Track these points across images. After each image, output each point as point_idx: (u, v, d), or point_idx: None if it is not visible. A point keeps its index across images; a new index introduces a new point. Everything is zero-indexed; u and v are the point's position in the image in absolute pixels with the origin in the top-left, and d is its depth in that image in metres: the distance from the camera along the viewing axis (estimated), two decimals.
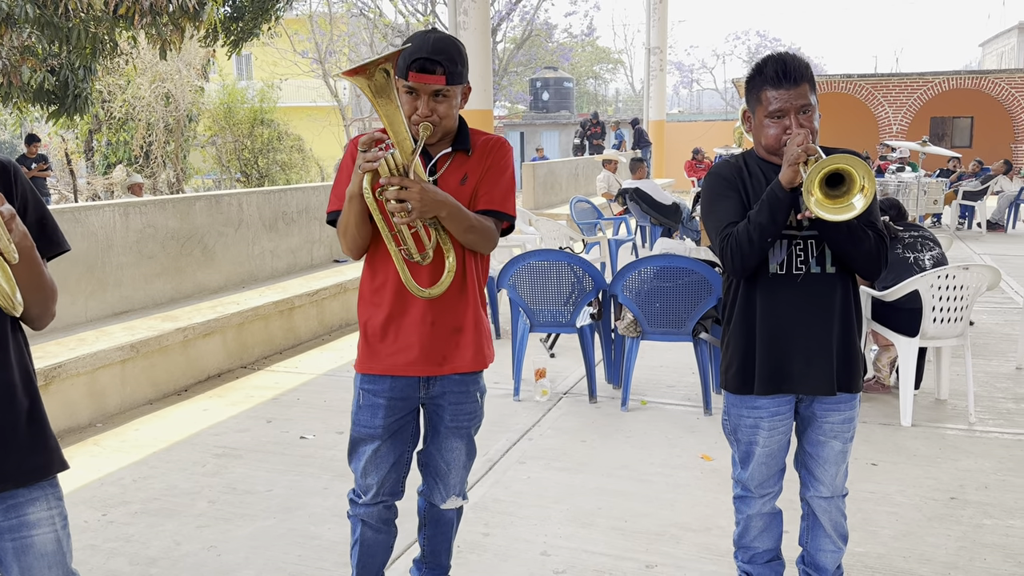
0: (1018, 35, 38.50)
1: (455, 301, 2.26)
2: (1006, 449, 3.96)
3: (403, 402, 2.32)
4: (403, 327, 2.25)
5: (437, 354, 2.28)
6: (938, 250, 4.49)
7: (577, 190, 15.70)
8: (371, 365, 2.30)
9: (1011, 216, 12.22)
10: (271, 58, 25.32)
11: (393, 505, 2.45)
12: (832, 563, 2.47)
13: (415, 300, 2.22)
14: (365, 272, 2.32)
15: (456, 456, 2.42)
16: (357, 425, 2.35)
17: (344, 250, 2.24)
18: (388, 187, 2.01)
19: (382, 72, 1.96)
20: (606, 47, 47.93)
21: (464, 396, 2.37)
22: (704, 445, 4.08)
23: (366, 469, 2.35)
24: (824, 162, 2.02)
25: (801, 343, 2.28)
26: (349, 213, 2.13)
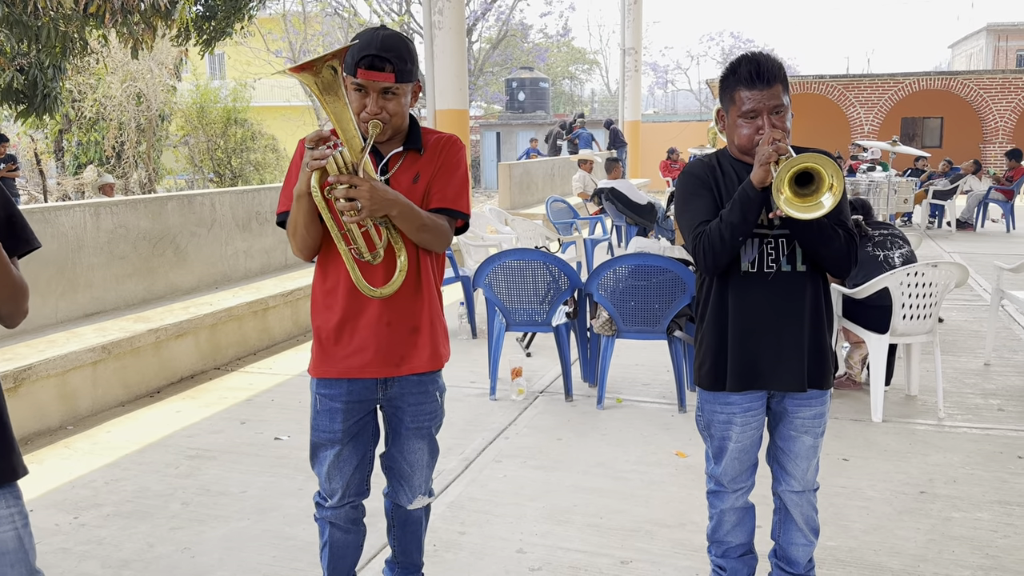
0: (986, 37, 39.12)
1: (410, 301, 2.24)
2: (974, 443, 4.03)
3: (360, 404, 2.31)
4: (358, 329, 2.22)
5: (394, 355, 2.26)
6: (907, 248, 4.56)
7: (553, 190, 15.73)
8: (326, 369, 2.27)
9: (980, 215, 12.41)
10: (244, 57, 25.13)
11: (360, 504, 2.43)
12: (804, 556, 2.50)
13: (369, 301, 2.20)
14: (317, 274, 2.28)
15: (419, 457, 2.40)
16: (316, 430, 2.33)
17: (294, 251, 2.20)
18: (337, 185, 1.99)
19: (329, 69, 1.94)
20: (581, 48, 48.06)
21: (423, 396, 2.35)
22: (679, 442, 4.11)
23: (329, 474, 2.33)
24: (793, 161, 2.04)
25: (772, 340, 2.30)
26: (298, 212, 2.10)
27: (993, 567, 2.89)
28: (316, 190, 2.02)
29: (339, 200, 2.00)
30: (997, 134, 20.30)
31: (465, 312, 6.43)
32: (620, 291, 4.59)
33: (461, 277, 6.52)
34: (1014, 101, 20.20)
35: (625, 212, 9.73)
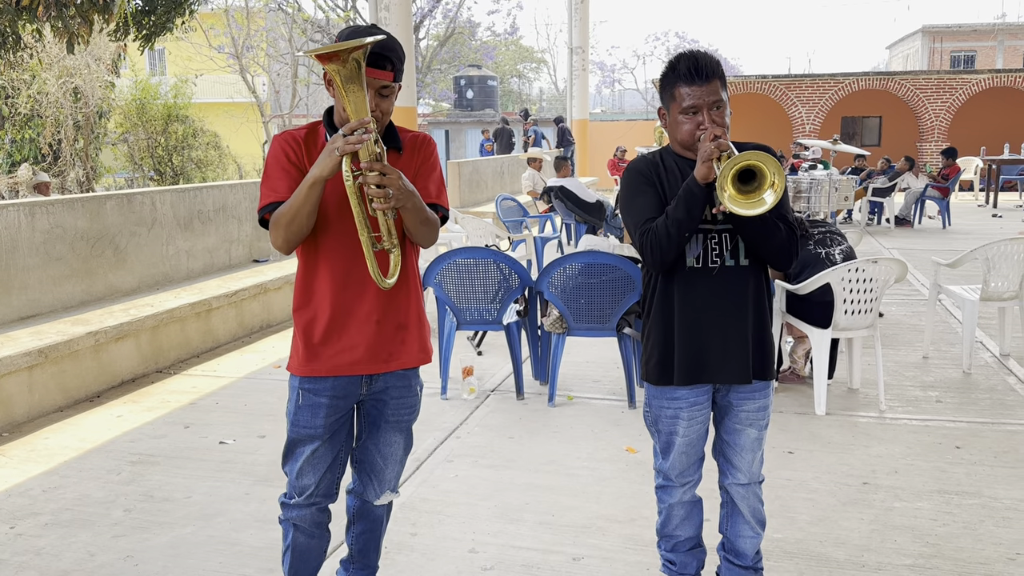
0: (922, 38, 40.29)
1: (398, 298, 2.26)
2: (914, 435, 4.14)
3: (344, 401, 2.29)
4: (348, 327, 2.22)
5: (383, 351, 2.26)
6: (846, 244, 4.67)
7: (503, 188, 15.74)
8: (313, 367, 2.24)
9: (917, 212, 12.77)
10: (186, 53, 24.62)
11: (327, 508, 2.40)
12: (751, 548, 2.53)
13: (359, 299, 2.20)
14: (302, 271, 2.26)
15: (394, 450, 2.41)
16: (296, 426, 2.29)
17: (279, 242, 2.14)
18: (369, 172, 1.98)
19: (354, 60, 1.94)
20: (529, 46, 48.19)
21: (406, 391, 2.37)
22: (628, 438, 4.14)
23: (302, 470, 2.30)
24: (736, 159, 2.07)
25: (717, 334, 2.33)
26: (307, 200, 2.06)
27: (933, 555, 2.97)
28: (348, 174, 2.00)
29: (371, 187, 1.99)
30: (933, 133, 20.92)
31: None
32: (570, 289, 4.61)
33: None
34: (949, 100, 20.84)
35: (574, 210, 9.78)
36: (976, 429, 4.19)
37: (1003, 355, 5.47)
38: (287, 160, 2.19)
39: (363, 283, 2.20)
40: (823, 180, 9.67)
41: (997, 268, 5.06)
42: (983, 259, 5.05)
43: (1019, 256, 5.04)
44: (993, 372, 5.14)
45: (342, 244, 2.19)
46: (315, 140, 2.23)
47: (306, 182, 2.06)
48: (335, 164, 2.00)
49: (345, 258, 2.20)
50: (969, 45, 39.75)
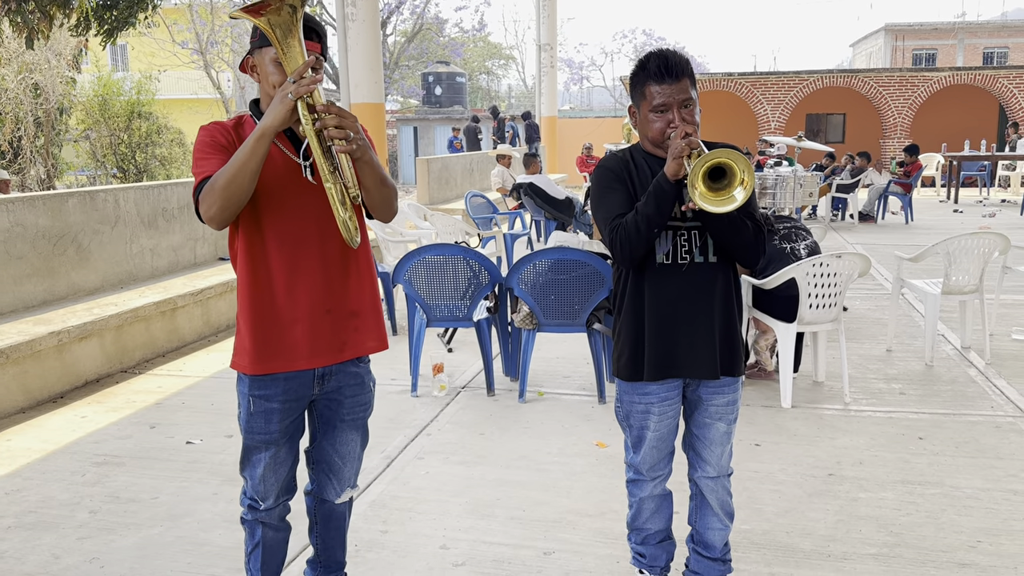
0: (884, 36, 40.90)
1: (351, 284, 2.21)
2: (878, 426, 4.21)
3: (298, 403, 2.25)
4: (299, 318, 2.15)
5: (336, 341, 2.21)
6: (811, 239, 4.73)
7: (472, 185, 15.72)
8: (262, 365, 2.16)
9: (881, 208, 12.98)
10: (149, 48, 24.25)
11: (290, 502, 2.39)
12: (720, 540, 2.56)
13: (308, 289, 2.14)
14: (245, 263, 2.14)
15: (351, 448, 2.38)
16: (251, 433, 2.24)
17: (214, 209, 1.98)
18: (326, 115, 1.92)
19: (289, 7, 1.88)
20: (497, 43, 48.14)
21: (360, 388, 2.33)
22: (599, 432, 4.16)
23: (265, 476, 2.26)
24: (707, 157, 2.09)
25: (687, 330, 2.35)
26: (252, 155, 1.94)
27: (897, 544, 3.02)
28: (308, 118, 1.93)
29: (330, 128, 1.93)
30: (895, 129, 21.26)
31: (385, 309, 6.36)
32: (540, 285, 4.62)
33: (380, 273, 6.44)
34: (911, 98, 21.19)
35: (544, 207, 9.80)
36: (938, 420, 4.27)
37: (964, 348, 5.58)
38: (219, 144, 2.09)
39: (312, 272, 2.14)
40: (788, 176, 9.79)
41: (958, 262, 5.16)
42: (944, 254, 5.14)
43: (979, 250, 5.15)
44: (954, 364, 5.24)
45: (287, 232, 2.11)
46: (244, 129, 2.14)
47: (253, 135, 1.94)
48: (288, 110, 1.92)
49: (291, 246, 2.12)
50: (930, 43, 40.44)
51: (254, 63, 2.10)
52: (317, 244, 2.14)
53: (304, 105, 1.93)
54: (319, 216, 2.13)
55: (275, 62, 2.04)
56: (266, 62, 2.06)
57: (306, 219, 2.13)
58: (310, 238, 2.13)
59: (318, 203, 2.12)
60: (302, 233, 2.12)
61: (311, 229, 2.14)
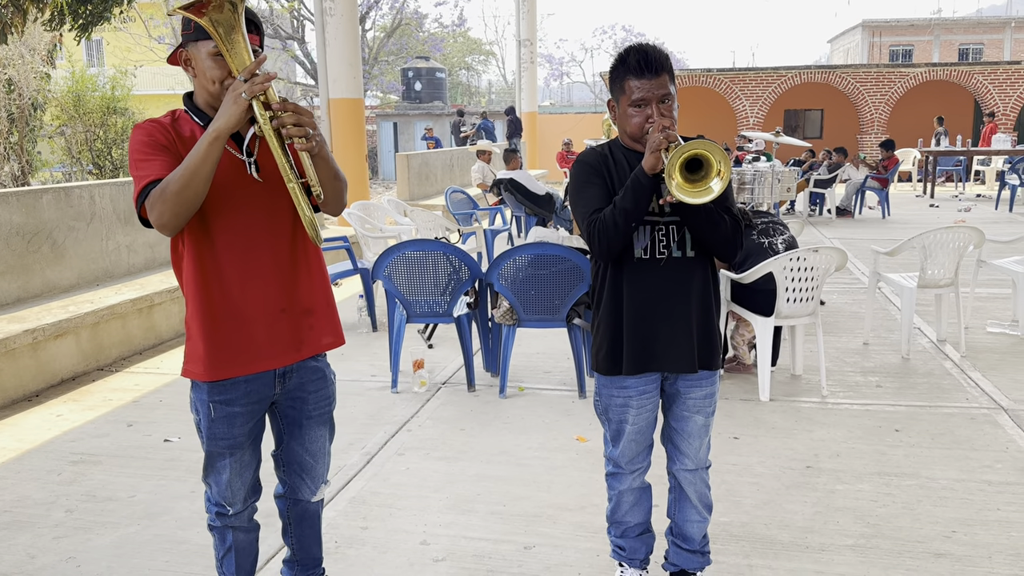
0: (862, 32, 41.23)
1: (302, 282, 2.16)
2: (855, 419, 4.25)
3: (259, 405, 2.20)
4: (253, 320, 2.09)
5: (294, 340, 2.17)
6: (788, 233, 4.76)
7: (452, 181, 15.69)
8: (220, 370, 2.09)
9: (858, 202, 13.09)
10: (124, 43, 23.99)
11: (257, 503, 2.36)
12: (698, 532, 2.58)
13: (261, 289, 2.08)
14: (194, 267, 2.06)
15: (321, 445, 2.35)
16: (214, 439, 2.17)
17: (167, 216, 1.90)
18: (283, 113, 1.88)
19: (229, 4, 1.83)
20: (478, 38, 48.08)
21: (322, 382, 2.29)
22: (579, 427, 4.17)
23: (231, 482, 2.21)
24: (684, 147, 2.09)
25: (665, 324, 2.36)
26: (206, 159, 1.87)
27: (874, 535, 3.05)
28: (266, 118, 1.88)
29: (289, 126, 1.88)
30: (873, 125, 21.44)
31: (364, 305, 6.34)
32: (520, 280, 4.62)
33: (360, 269, 6.42)
34: (888, 94, 21.37)
35: (524, 202, 9.80)
36: (914, 412, 4.32)
37: (940, 341, 5.64)
38: (159, 143, 2.00)
39: (263, 272, 2.08)
40: (766, 172, 9.85)
41: (933, 256, 5.21)
42: (920, 247, 5.20)
43: (954, 244, 5.21)
44: (930, 357, 5.30)
45: (235, 232, 2.05)
46: (181, 126, 2.07)
47: (206, 138, 1.87)
48: (242, 111, 1.86)
49: (241, 246, 2.06)
50: (907, 39, 40.82)
51: (188, 57, 2.02)
52: (267, 243, 2.09)
53: (259, 104, 1.88)
54: (267, 214, 2.08)
55: (213, 56, 1.97)
56: (203, 56, 1.99)
57: (254, 218, 2.07)
58: (259, 237, 2.07)
59: (266, 201, 2.07)
60: (251, 232, 2.06)
61: (260, 228, 2.08)
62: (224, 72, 1.97)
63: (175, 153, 1.99)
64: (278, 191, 2.07)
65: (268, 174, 2.07)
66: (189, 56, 2.02)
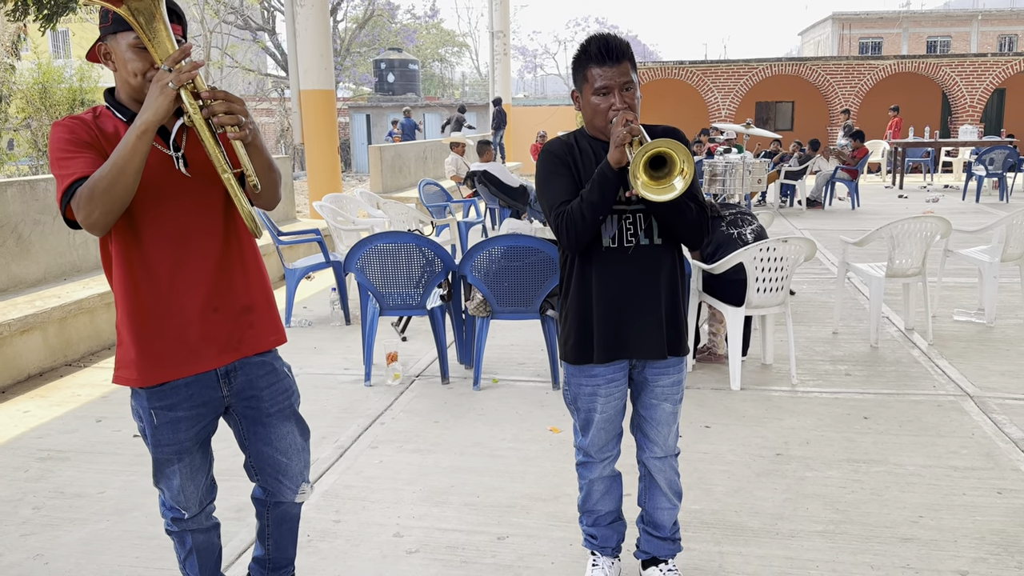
0: (832, 25, 41.61)
1: (237, 279, 2.09)
2: (824, 407, 4.31)
3: (205, 408, 2.10)
4: (186, 320, 2.01)
5: (233, 339, 2.08)
6: (756, 223, 4.80)
7: (426, 173, 15.64)
8: (154, 374, 2.00)
9: (828, 194, 13.22)
10: (91, 35, 23.59)
11: (215, 502, 2.31)
12: (669, 520, 2.60)
13: (192, 288, 2.01)
14: (121, 267, 1.98)
15: (292, 441, 2.25)
16: (160, 446, 2.08)
17: (96, 214, 1.83)
18: (213, 101, 1.81)
19: None
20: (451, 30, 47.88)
21: (274, 376, 2.19)
22: (553, 418, 4.19)
23: (183, 487, 2.14)
24: (648, 147, 2.10)
25: (633, 311, 2.38)
26: (134, 154, 1.80)
27: (843, 521, 3.10)
28: (195, 107, 1.82)
29: (220, 115, 1.82)
30: (842, 117, 21.65)
31: (337, 298, 6.31)
32: (494, 272, 4.62)
33: (332, 262, 6.38)
34: (857, 85, 21.60)
35: (498, 195, 9.78)
36: (883, 400, 4.38)
37: (908, 329, 5.72)
38: (82, 140, 1.91)
39: (194, 271, 2.01)
40: (737, 163, 9.91)
41: (901, 246, 5.28)
42: (888, 237, 5.26)
43: (922, 234, 5.28)
44: (899, 346, 5.38)
45: (164, 229, 1.98)
46: (103, 122, 1.99)
47: (133, 132, 1.79)
48: (170, 101, 1.79)
49: (170, 244, 1.98)
50: (876, 32, 41.27)
51: (107, 50, 1.95)
52: (198, 240, 2.02)
53: (188, 93, 1.81)
54: (197, 210, 2.02)
55: (134, 48, 1.91)
56: (123, 48, 1.91)
57: (184, 214, 2.00)
58: (189, 234, 2.00)
59: (195, 197, 2.01)
60: (181, 230, 1.99)
61: (190, 225, 2.01)
62: (146, 64, 1.91)
63: (99, 150, 1.91)
64: (208, 186, 2.02)
65: (197, 169, 2.00)
66: (108, 50, 1.95)
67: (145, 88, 1.92)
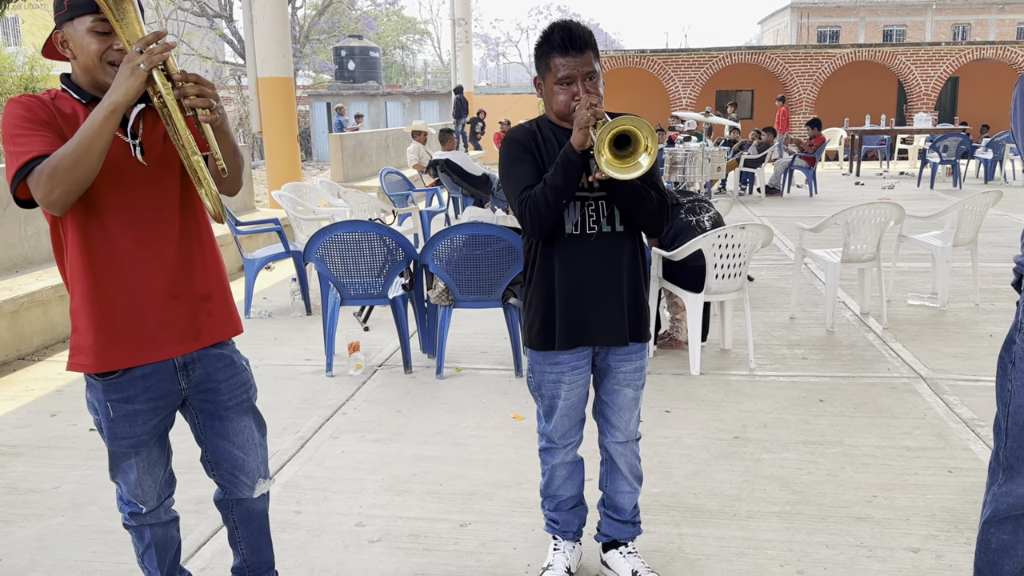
0: (791, 14, 42.07)
1: (196, 267, 2.07)
2: (781, 390, 4.38)
3: (163, 401, 2.08)
4: (145, 307, 1.99)
5: (191, 327, 2.06)
6: (713, 210, 4.86)
7: (388, 162, 15.54)
8: (109, 360, 1.98)
9: (786, 181, 13.40)
10: (43, 21, 23.04)
11: (173, 495, 2.28)
12: (629, 503, 2.63)
13: (151, 274, 1.98)
14: (78, 253, 1.94)
15: (249, 436, 2.22)
16: (116, 439, 2.05)
17: (56, 193, 1.80)
18: (185, 83, 1.79)
19: None
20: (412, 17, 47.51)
21: (232, 369, 2.16)
22: (516, 405, 4.20)
23: (140, 481, 2.11)
24: (612, 124, 2.11)
25: (596, 298, 2.39)
26: (100, 133, 1.77)
27: (799, 501, 3.16)
28: (168, 88, 1.80)
29: (192, 97, 1.80)
30: (801, 105, 21.94)
31: (298, 288, 6.25)
32: (455, 261, 4.61)
33: (292, 252, 6.32)
34: (815, 74, 21.87)
35: (461, 183, 9.76)
36: (838, 383, 4.47)
37: (863, 313, 5.83)
38: (40, 119, 1.87)
39: (152, 257, 1.98)
40: (697, 151, 10.00)
41: (856, 231, 5.38)
42: (843, 223, 5.35)
43: (876, 220, 5.38)
44: (854, 330, 5.48)
45: (122, 216, 1.95)
46: (61, 103, 1.94)
47: (101, 110, 1.77)
48: (141, 82, 1.77)
49: (129, 231, 1.96)
50: (834, 21, 41.83)
51: (65, 38, 1.92)
52: (155, 227, 1.99)
53: (160, 74, 1.79)
54: (154, 198, 1.99)
55: (92, 32, 1.88)
56: (81, 34, 1.89)
57: (140, 201, 1.97)
58: (147, 221, 1.98)
59: (152, 184, 1.99)
60: (138, 216, 1.96)
61: (147, 211, 1.98)
62: (105, 45, 1.88)
63: (56, 129, 1.87)
64: (164, 175, 1.99)
65: (153, 156, 1.98)
66: (66, 37, 1.91)
67: (104, 72, 1.90)
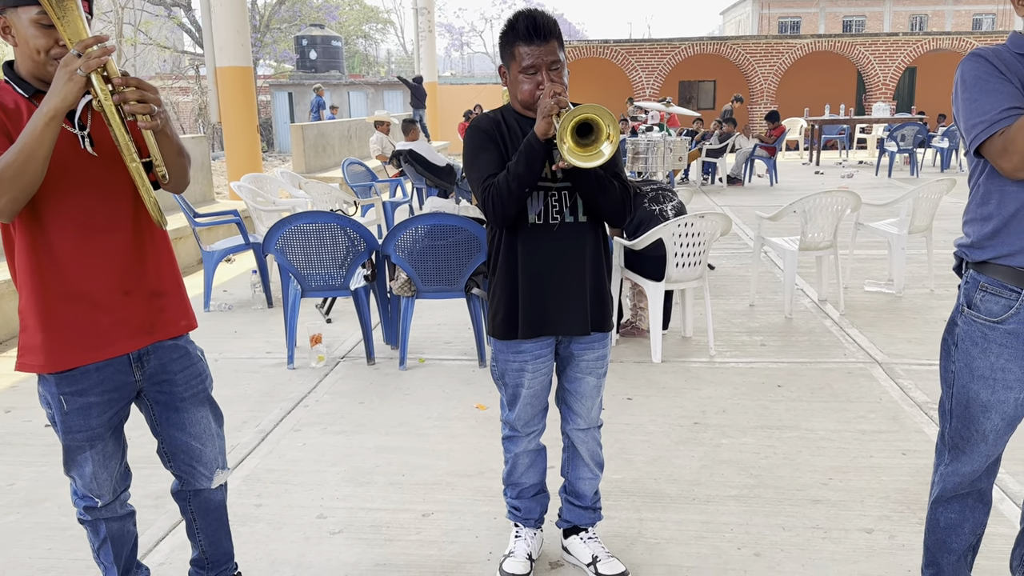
0: (752, 5, 42.42)
1: (148, 263, 2.04)
2: (741, 376, 4.44)
3: (118, 393, 2.05)
4: (94, 304, 1.96)
5: (145, 323, 2.04)
6: (677, 200, 4.90)
7: (350, 152, 15.42)
8: (61, 359, 1.95)
9: (747, 171, 13.55)
10: None
11: (129, 489, 2.26)
12: (590, 489, 2.66)
13: (101, 271, 1.96)
14: (26, 251, 1.91)
15: (206, 426, 2.21)
16: (70, 433, 2.02)
17: (5, 202, 1.78)
18: (125, 88, 1.76)
19: None
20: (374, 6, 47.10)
21: (187, 360, 2.15)
22: (479, 395, 4.21)
23: (96, 474, 2.08)
24: (574, 112, 2.12)
25: (559, 288, 2.41)
26: (42, 139, 1.75)
27: (757, 485, 3.21)
28: (107, 94, 1.76)
29: (132, 103, 1.77)
30: (762, 96, 22.17)
31: (258, 281, 6.19)
32: (418, 251, 4.60)
33: (252, 244, 6.25)
34: (776, 64, 22.11)
35: (424, 174, 9.71)
36: (796, 369, 4.54)
37: (821, 300, 5.93)
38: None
39: (104, 253, 1.96)
40: (658, 142, 10.06)
41: (814, 220, 5.46)
42: (801, 212, 5.43)
43: (833, 208, 5.46)
44: (812, 316, 5.57)
45: (71, 211, 1.92)
46: (3, 97, 1.90)
47: (40, 117, 1.74)
48: (79, 88, 1.74)
49: (80, 227, 1.93)
50: (795, 11, 42.25)
51: (6, 24, 1.87)
52: (107, 222, 1.96)
53: (99, 78, 1.76)
54: (105, 191, 1.96)
55: (36, 24, 1.84)
56: (24, 24, 1.84)
57: (91, 195, 1.94)
58: (98, 216, 1.95)
59: (103, 177, 1.95)
60: (88, 211, 1.93)
61: (98, 206, 1.95)
62: (50, 41, 1.85)
63: (1, 126, 1.84)
64: (116, 166, 1.95)
65: (104, 148, 1.94)
66: (7, 23, 1.87)
67: (48, 66, 1.86)
